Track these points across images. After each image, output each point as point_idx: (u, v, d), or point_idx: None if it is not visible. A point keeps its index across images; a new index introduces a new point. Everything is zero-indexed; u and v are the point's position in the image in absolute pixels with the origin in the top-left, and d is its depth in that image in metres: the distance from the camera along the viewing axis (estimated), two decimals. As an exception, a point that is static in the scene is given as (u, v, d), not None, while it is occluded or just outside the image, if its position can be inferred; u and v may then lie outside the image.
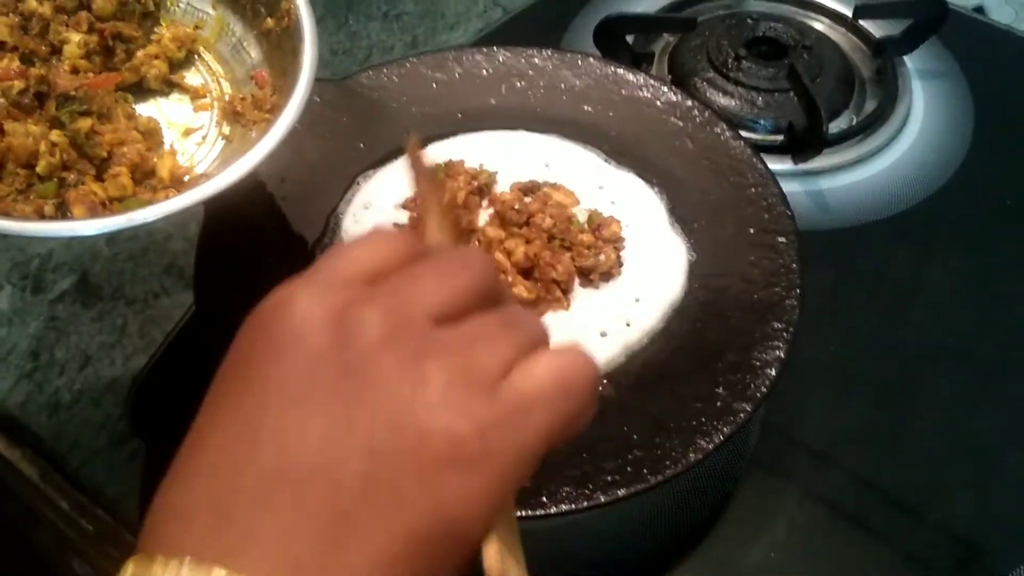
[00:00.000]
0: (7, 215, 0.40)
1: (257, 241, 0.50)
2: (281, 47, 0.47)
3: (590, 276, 0.49)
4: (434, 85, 0.58)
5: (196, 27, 0.51)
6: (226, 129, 0.48)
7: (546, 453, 0.25)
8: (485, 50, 0.60)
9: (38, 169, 0.42)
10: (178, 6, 0.52)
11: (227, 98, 0.49)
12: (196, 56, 0.51)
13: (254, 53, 0.50)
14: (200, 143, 0.48)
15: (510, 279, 0.47)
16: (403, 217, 0.51)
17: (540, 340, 0.27)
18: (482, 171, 0.52)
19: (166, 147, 0.47)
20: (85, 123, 0.43)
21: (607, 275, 0.49)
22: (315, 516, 0.23)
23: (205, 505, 0.23)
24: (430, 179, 0.37)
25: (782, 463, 0.55)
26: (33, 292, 0.65)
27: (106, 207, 0.42)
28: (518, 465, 0.25)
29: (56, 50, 0.47)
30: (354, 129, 0.55)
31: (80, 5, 0.48)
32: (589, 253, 0.48)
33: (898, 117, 0.72)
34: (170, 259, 0.66)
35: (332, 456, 0.23)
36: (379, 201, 0.52)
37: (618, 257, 0.49)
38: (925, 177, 0.69)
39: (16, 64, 0.44)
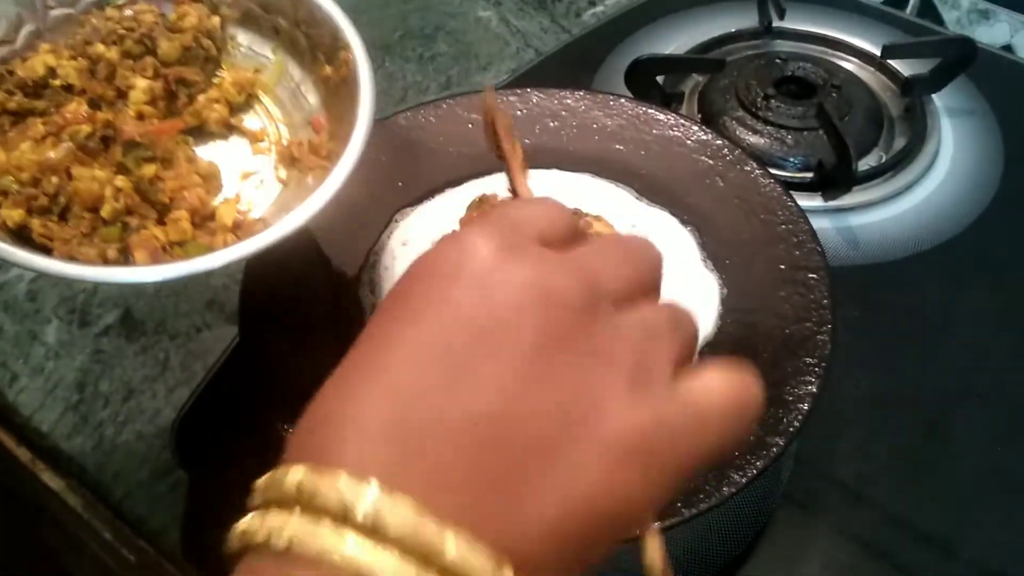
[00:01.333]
0: (72, 258, 0.41)
1: (299, 278, 0.51)
2: (339, 94, 0.48)
3: None
4: (470, 125, 0.59)
5: (256, 71, 0.52)
6: (283, 173, 0.49)
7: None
8: (519, 91, 0.61)
9: (103, 213, 0.42)
10: (239, 50, 0.53)
11: (285, 143, 0.50)
12: (255, 100, 0.52)
13: (312, 99, 0.50)
14: (258, 187, 0.49)
15: None
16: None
17: (695, 340, 0.28)
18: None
19: (225, 191, 0.48)
20: (150, 169, 0.44)
21: None
22: (498, 466, 0.23)
23: (392, 431, 0.23)
24: (511, 135, 0.37)
25: (815, 499, 0.54)
26: (79, 326, 0.67)
27: (166, 251, 0.42)
28: (686, 470, 0.25)
29: (122, 94, 0.48)
30: (392, 168, 0.56)
31: (146, 50, 0.49)
32: None
33: (927, 154, 0.72)
34: (211, 295, 0.67)
35: (522, 410, 0.23)
36: (417, 238, 0.53)
37: None
38: (955, 213, 0.69)
39: (84, 108, 0.45)
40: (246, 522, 0.22)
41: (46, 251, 0.42)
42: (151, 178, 0.44)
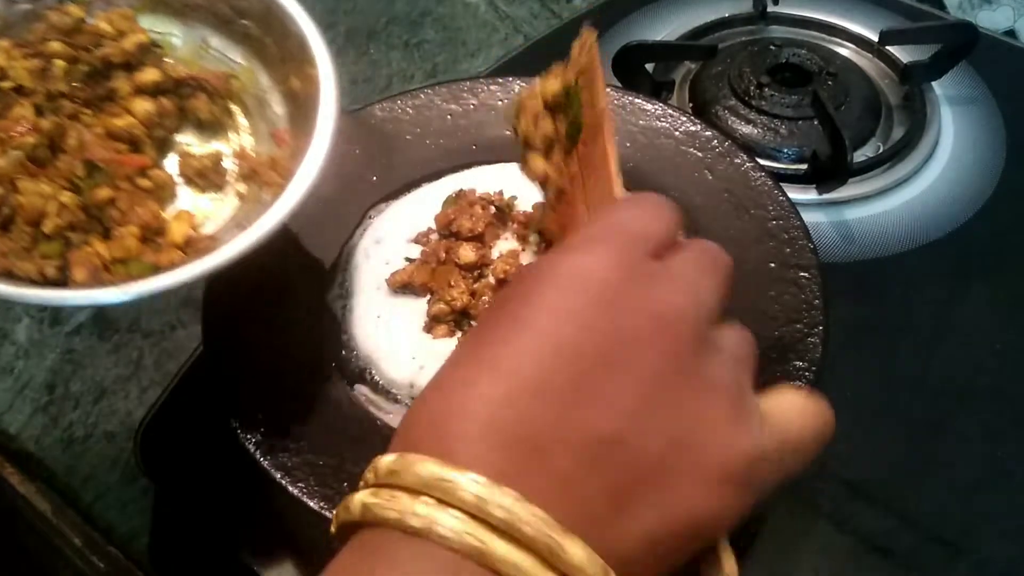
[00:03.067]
0: (8, 272, 0.39)
1: (266, 278, 0.49)
2: (305, 110, 0.46)
3: None
4: (448, 117, 0.57)
5: (230, 77, 0.50)
6: (241, 187, 0.47)
7: None
8: (500, 80, 0.59)
9: (44, 228, 0.40)
10: (209, 53, 0.50)
11: (250, 154, 0.48)
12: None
13: (279, 110, 0.48)
14: (214, 200, 0.47)
15: None
16: (415, 252, 0.50)
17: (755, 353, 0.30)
18: (499, 196, 0.51)
19: (179, 204, 0.46)
20: (104, 193, 0.42)
21: None
22: (612, 480, 0.25)
23: (517, 435, 0.24)
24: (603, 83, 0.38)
25: (814, 496, 0.54)
26: (51, 324, 0.65)
27: (107, 270, 0.40)
28: (770, 492, 0.27)
29: (109, 98, 0.46)
30: (366, 161, 0.54)
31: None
32: None
33: (926, 145, 0.71)
34: (186, 292, 0.65)
35: (639, 431, 0.25)
36: (391, 236, 0.51)
37: None
38: (955, 206, 0.67)
39: (30, 114, 0.42)
40: (368, 498, 0.24)
41: None
42: (102, 202, 0.42)
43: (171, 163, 0.48)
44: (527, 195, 0.52)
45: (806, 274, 0.49)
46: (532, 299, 0.27)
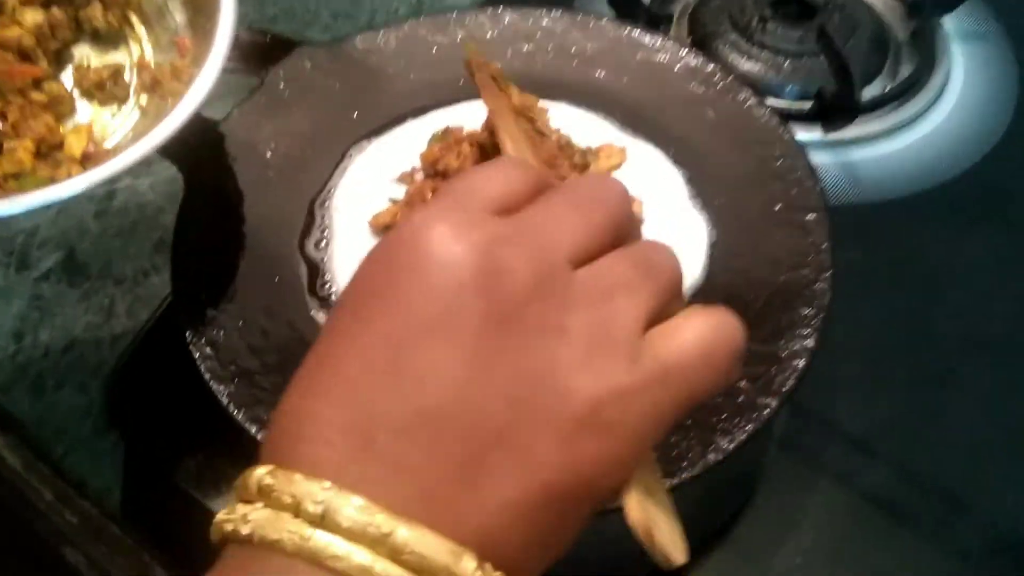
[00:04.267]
0: None
1: (236, 225, 0.47)
2: (204, 11, 0.44)
3: None
4: (434, 49, 0.54)
5: None
6: (144, 100, 0.45)
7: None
8: (490, 11, 0.56)
9: None
10: None
11: (150, 64, 0.46)
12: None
13: (179, 17, 0.46)
14: (115, 113, 0.45)
15: None
16: (400, 192, 0.47)
17: (676, 281, 0.27)
18: (484, 132, 0.48)
19: (79, 119, 0.44)
20: None
21: None
22: (451, 455, 0.23)
23: (346, 426, 0.24)
24: (495, 89, 0.37)
25: (815, 450, 0.53)
26: (17, 269, 0.63)
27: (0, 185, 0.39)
28: (652, 432, 0.25)
29: None
30: (347, 97, 0.52)
31: None
32: None
33: (936, 83, 0.68)
34: (161, 234, 0.63)
35: (472, 398, 0.24)
36: (373, 175, 0.48)
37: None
38: (965, 147, 0.65)
39: None
40: (222, 514, 0.24)
41: None
42: None
43: (69, 76, 0.47)
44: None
45: (813, 216, 0.47)
46: (363, 284, 0.26)
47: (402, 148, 0.49)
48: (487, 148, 0.48)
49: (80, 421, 0.56)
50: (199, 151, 0.48)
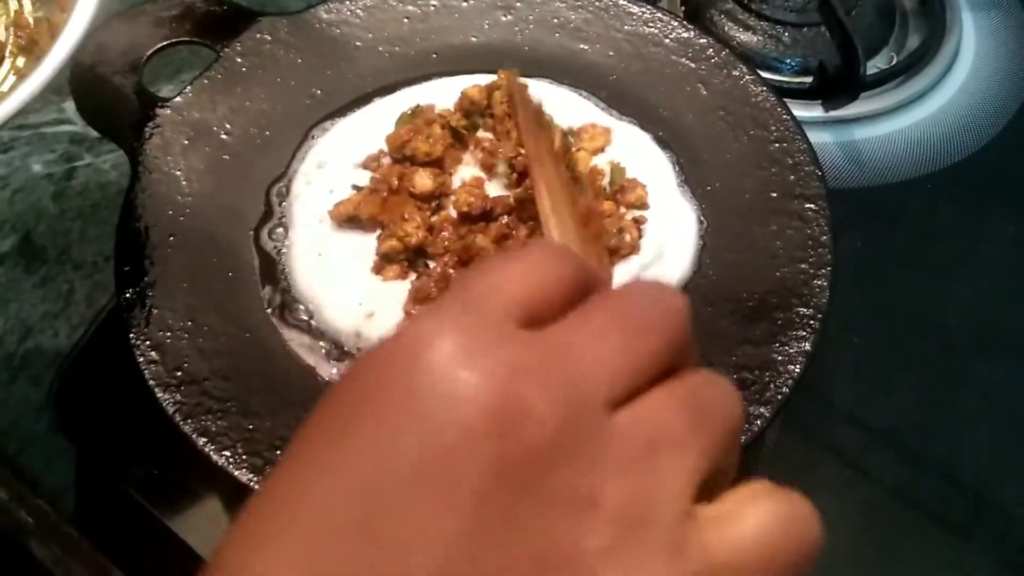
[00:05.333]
0: None
1: (190, 208, 0.44)
2: None
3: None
4: (406, 20, 0.51)
5: None
6: (21, 62, 0.43)
7: None
8: (467, -22, 0.52)
9: None
10: None
11: (27, 19, 0.44)
12: None
13: None
14: None
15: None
16: (363, 178, 0.44)
17: (735, 431, 0.22)
18: (456, 114, 0.46)
19: None
20: None
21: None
22: None
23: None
24: (536, 129, 0.32)
25: (829, 447, 0.52)
26: (-31, 255, 0.60)
27: None
28: None
29: None
30: (309, 73, 0.49)
31: None
32: (611, 229, 0.42)
33: (945, 56, 0.66)
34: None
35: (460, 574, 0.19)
36: (336, 159, 0.46)
37: (639, 236, 0.43)
38: (976, 126, 0.64)
39: None
40: None
41: None
42: None
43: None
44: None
45: (812, 206, 0.45)
46: (342, 404, 0.21)
47: (368, 129, 0.46)
48: (458, 131, 0.45)
49: (35, 417, 0.54)
50: (147, 131, 0.45)
